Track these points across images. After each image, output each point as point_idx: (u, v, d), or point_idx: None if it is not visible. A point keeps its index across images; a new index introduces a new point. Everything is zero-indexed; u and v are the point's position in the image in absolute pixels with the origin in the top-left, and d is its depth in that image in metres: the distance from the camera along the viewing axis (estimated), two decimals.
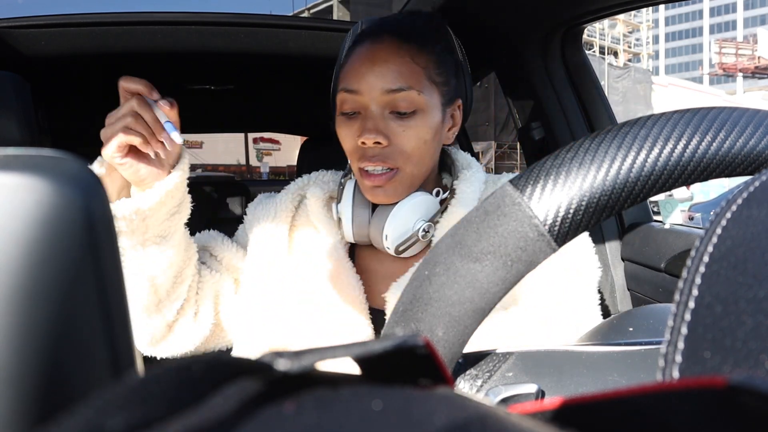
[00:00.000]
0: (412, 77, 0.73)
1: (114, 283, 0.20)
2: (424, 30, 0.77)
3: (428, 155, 0.76)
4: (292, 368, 0.14)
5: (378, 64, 0.73)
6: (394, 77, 0.72)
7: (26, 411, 0.17)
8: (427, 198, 0.78)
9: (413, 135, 0.73)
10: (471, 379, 0.32)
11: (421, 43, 0.75)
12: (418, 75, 0.73)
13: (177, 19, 1.25)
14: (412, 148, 0.74)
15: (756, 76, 56.70)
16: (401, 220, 0.76)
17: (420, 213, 0.78)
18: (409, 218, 0.77)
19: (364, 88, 0.73)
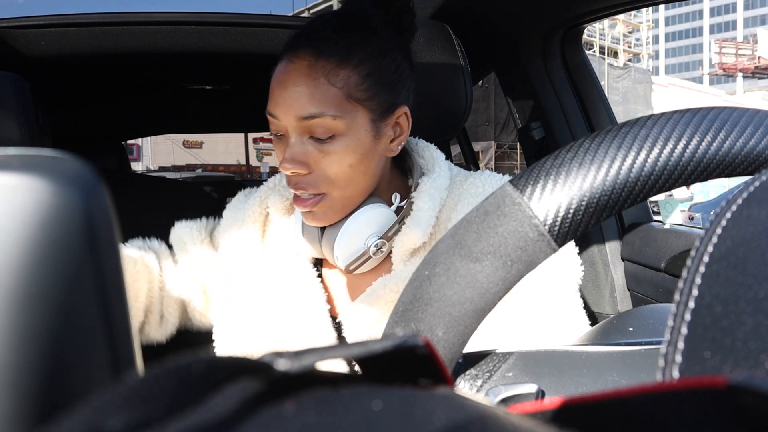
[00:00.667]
0: (326, 101, 0.66)
1: (114, 282, 0.20)
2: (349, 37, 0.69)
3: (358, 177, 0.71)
4: (292, 368, 0.14)
5: (289, 89, 0.67)
6: (305, 103, 0.66)
7: (26, 411, 0.17)
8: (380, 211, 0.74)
9: (334, 161, 0.69)
10: (471, 379, 0.32)
11: (341, 56, 0.67)
12: (333, 97, 0.67)
13: (177, 19, 1.25)
14: (335, 173, 0.69)
15: (756, 76, 56.70)
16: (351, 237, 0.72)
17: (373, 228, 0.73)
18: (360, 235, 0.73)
19: (280, 114, 0.69)
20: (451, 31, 1.06)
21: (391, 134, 0.73)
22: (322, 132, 0.67)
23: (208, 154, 19.24)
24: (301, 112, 0.67)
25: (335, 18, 0.71)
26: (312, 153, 0.69)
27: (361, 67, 0.68)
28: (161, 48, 1.26)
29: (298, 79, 0.67)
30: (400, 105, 0.73)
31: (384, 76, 0.70)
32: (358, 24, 0.70)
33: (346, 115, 0.67)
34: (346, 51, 0.68)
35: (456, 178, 0.79)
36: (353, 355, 0.15)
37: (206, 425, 0.12)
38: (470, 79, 1.04)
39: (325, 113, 0.66)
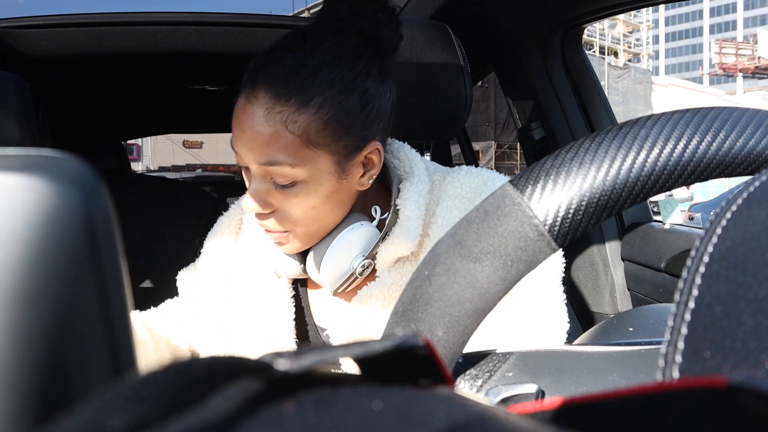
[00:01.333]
0: (283, 149, 0.62)
1: (114, 283, 0.20)
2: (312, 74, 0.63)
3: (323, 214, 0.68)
4: (292, 368, 0.14)
5: (246, 132, 0.63)
6: (261, 150, 0.63)
7: (26, 411, 0.17)
8: (363, 231, 0.71)
9: (297, 204, 0.66)
10: (471, 379, 0.32)
11: (301, 99, 0.62)
12: (291, 145, 0.62)
13: (177, 19, 1.25)
14: (297, 215, 0.67)
15: (756, 76, 56.70)
16: (336, 262, 0.70)
17: (357, 249, 0.71)
18: (346, 258, 0.71)
19: (241, 153, 0.66)
20: (451, 31, 1.06)
21: (360, 171, 0.69)
22: (282, 179, 0.64)
23: (208, 154, 19.24)
24: (258, 158, 0.64)
25: (300, 44, 0.64)
26: (274, 193, 0.66)
27: (322, 112, 0.63)
28: (161, 48, 1.26)
29: (255, 123, 0.62)
30: (370, 141, 0.67)
31: (350, 117, 0.64)
32: (325, 53, 0.64)
33: (306, 162, 0.63)
34: (306, 93, 0.62)
35: (434, 177, 0.76)
36: (353, 355, 0.15)
37: (206, 425, 0.12)
38: (470, 79, 1.04)
39: (283, 162, 0.63)
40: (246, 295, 0.78)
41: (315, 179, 0.65)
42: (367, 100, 0.66)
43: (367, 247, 0.72)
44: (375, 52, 0.68)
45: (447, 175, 0.76)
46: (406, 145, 0.79)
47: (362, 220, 0.72)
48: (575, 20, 1.29)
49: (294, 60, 0.63)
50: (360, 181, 0.70)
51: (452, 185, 0.74)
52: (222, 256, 0.82)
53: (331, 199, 0.68)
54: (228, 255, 0.81)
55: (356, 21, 0.67)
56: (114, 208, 0.20)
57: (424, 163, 0.77)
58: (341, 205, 0.70)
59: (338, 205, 0.69)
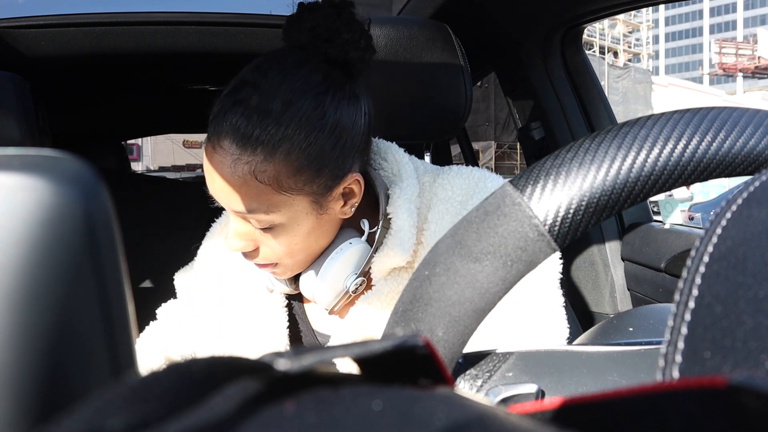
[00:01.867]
0: (256, 198, 0.60)
1: (114, 283, 0.20)
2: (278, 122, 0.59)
3: (309, 245, 0.67)
4: (292, 368, 0.14)
5: (216, 181, 0.61)
6: (233, 199, 0.61)
7: (26, 411, 0.17)
8: (354, 249, 0.69)
9: (278, 244, 0.65)
10: (471, 379, 0.32)
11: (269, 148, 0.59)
12: (263, 194, 0.60)
13: (177, 19, 1.25)
14: (283, 251, 0.66)
15: (756, 76, 56.70)
16: (329, 284, 0.69)
17: (350, 268, 0.70)
18: (339, 278, 0.70)
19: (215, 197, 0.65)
20: (451, 31, 1.06)
21: (340, 202, 0.67)
22: (259, 224, 0.63)
23: None
24: (233, 207, 0.62)
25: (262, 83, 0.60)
26: (255, 234, 0.66)
27: (291, 158, 0.59)
28: (161, 48, 1.26)
29: (223, 172, 0.60)
30: (346, 174, 0.65)
31: (321, 157, 0.61)
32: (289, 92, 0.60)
33: (280, 207, 0.61)
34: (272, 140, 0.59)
35: (424, 179, 0.73)
36: (353, 355, 0.15)
37: (206, 425, 0.12)
38: (470, 79, 1.04)
39: (257, 210, 0.61)
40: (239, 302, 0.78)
41: (293, 221, 0.63)
42: (338, 135, 0.62)
43: (358, 265, 0.70)
44: (345, 75, 0.65)
45: (437, 176, 0.74)
46: (393, 145, 0.77)
47: (351, 237, 0.71)
48: (575, 20, 1.29)
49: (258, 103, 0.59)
50: (342, 211, 0.68)
51: (443, 188, 0.72)
52: (216, 260, 0.82)
53: (314, 232, 0.66)
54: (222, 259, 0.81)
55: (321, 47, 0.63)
56: (114, 208, 0.20)
57: (413, 163, 0.75)
58: (326, 234, 0.69)
59: (323, 235, 0.68)
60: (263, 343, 0.74)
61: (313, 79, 0.61)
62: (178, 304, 0.86)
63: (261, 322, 0.75)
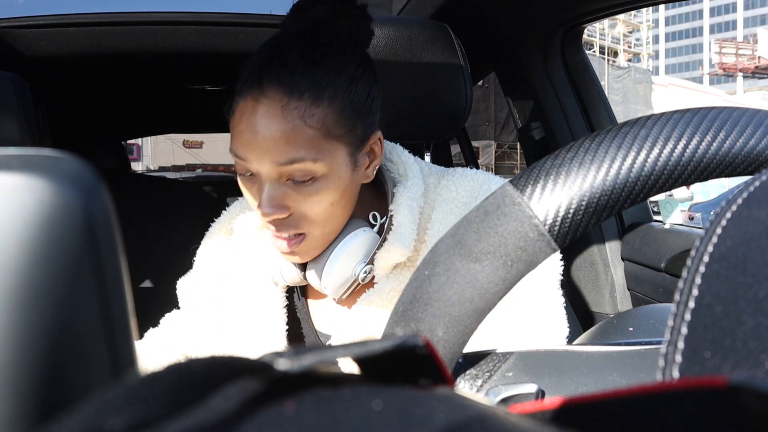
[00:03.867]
0: (304, 144, 0.61)
1: (114, 283, 0.20)
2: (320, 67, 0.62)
3: (339, 212, 0.67)
4: (292, 368, 0.14)
5: (261, 132, 0.60)
6: (281, 148, 0.60)
7: (26, 411, 0.17)
8: (364, 237, 0.70)
9: (316, 202, 0.64)
10: (471, 379, 0.32)
11: (316, 93, 0.61)
12: (312, 139, 0.61)
13: (177, 19, 1.25)
14: (316, 213, 0.65)
15: (756, 76, 56.69)
16: (339, 269, 0.69)
17: (359, 255, 0.70)
18: (348, 265, 0.70)
19: (253, 159, 0.62)
20: (451, 31, 1.06)
21: (366, 161, 0.69)
22: (302, 175, 0.62)
23: (208, 154, 19.23)
24: (278, 158, 0.61)
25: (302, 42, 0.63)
26: (291, 195, 0.64)
27: (336, 102, 0.62)
28: (161, 48, 1.26)
29: (271, 122, 0.60)
30: (374, 131, 0.69)
31: (358, 106, 0.65)
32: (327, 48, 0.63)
33: (326, 155, 0.62)
34: (318, 87, 0.61)
35: (429, 179, 0.75)
36: (353, 355, 0.15)
37: (206, 425, 0.12)
38: (470, 79, 1.04)
39: (305, 157, 0.61)
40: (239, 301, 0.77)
41: (335, 172, 0.64)
42: (369, 88, 0.67)
43: (368, 253, 0.71)
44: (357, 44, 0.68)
45: (442, 177, 0.75)
46: (398, 146, 0.78)
47: (363, 226, 0.72)
48: (575, 20, 1.29)
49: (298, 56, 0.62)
50: (366, 173, 0.70)
51: (447, 188, 0.73)
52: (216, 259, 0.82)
53: (346, 194, 0.67)
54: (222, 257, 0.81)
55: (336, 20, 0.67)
56: (114, 208, 0.20)
57: (418, 164, 0.76)
58: (351, 201, 0.69)
59: (350, 202, 0.69)
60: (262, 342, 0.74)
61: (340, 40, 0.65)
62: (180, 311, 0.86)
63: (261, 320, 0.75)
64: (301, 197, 0.64)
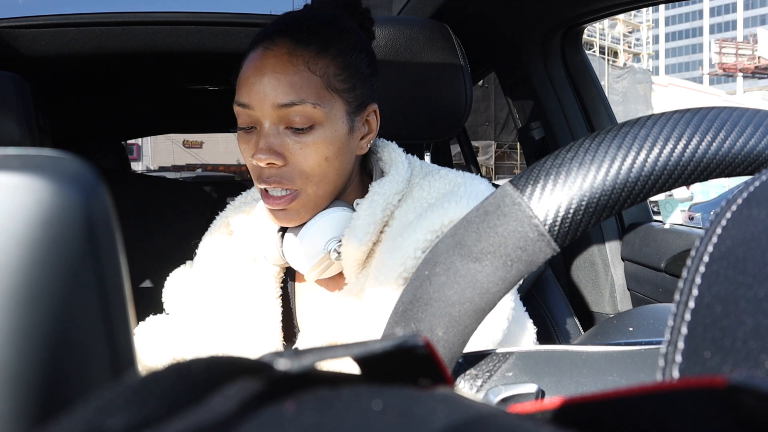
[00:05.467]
0: (306, 88, 0.65)
1: (114, 283, 0.20)
2: (326, 29, 0.68)
3: (332, 172, 0.69)
4: (292, 368, 0.14)
5: (267, 75, 0.65)
6: (285, 90, 0.65)
7: (26, 411, 0.17)
8: (340, 215, 0.71)
9: (312, 152, 0.67)
10: (471, 379, 0.32)
11: (320, 45, 0.67)
12: (314, 85, 0.66)
13: (177, 19, 1.25)
14: (311, 167, 0.67)
15: (756, 76, 56.69)
16: (311, 241, 0.70)
17: (332, 232, 0.71)
18: (320, 239, 0.71)
19: (255, 102, 0.66)
20: (451, 31, 1.06)
21: (362, 131, 0.72)
22: (301, 121, 0.65)
23: (208, 154, 19.24)
24: (280, 100, 0.65)
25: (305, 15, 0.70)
26: (288, 144, 0.66)
27: (339, 59, 0.68)
28: (161, 48, 1.26)
29: (277, 65, 0.65)
30: (371, 102, 0.73)
31: (360, 69, 0.70)
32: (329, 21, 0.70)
33: (325, 104, 0.66)
34: (323, 42, 0.67)
35: (414, 180, 0.75)
36: (353, 355, 0.15)
37: (206, 425, 0.12)
38: (470, 79, 1.04)
39: (306, 100, 0.65)
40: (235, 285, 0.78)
41: (331, 124, 0.67)
42: (370, 58, 0.72)
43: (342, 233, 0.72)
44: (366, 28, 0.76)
45: (425, 177, 0.75)
46: (391, 144, 0.79)
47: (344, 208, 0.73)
48: (575, 20, 1.29)
49: (305, 17, 0.69)
50: (360, 144, 0.73)
51: (420, 188, 0.73)
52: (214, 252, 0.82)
53: (340, 154, 0.69)
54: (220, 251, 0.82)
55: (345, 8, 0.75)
56: (114, 208, 0.20)
57: (412, 164, 0.77)
58: (344, 167, 0.71)
59: (342, 168, 0.71)
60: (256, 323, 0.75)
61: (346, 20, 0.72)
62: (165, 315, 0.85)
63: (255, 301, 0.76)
64: (298, 146, 0.66)
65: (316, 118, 0.66)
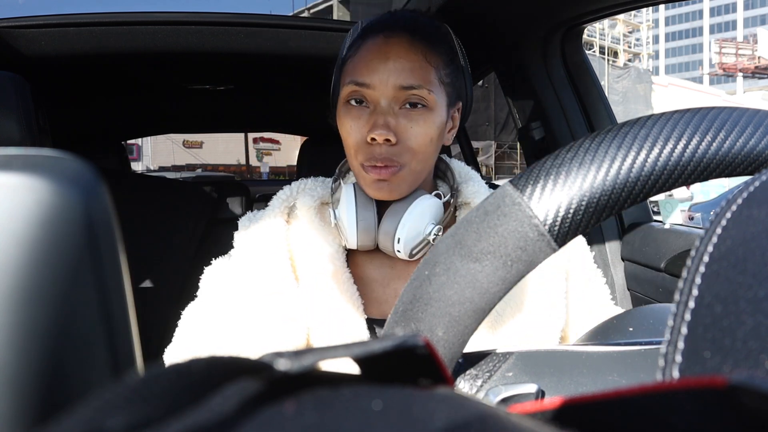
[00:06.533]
0: (424, 75, 0.73)
1: (114, 282, 0.20)
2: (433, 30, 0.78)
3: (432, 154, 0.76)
4: (292, 368, 0.14)
5: (392, 59, 0.72)
6: (407, 74, 0.72)
7: (26, 411, 0.17)
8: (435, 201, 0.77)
9: (421, 132, 0.73)
10: (471, 379, 0.32)
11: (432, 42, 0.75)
12: (429, 74, 0.73)
13: (177, 19, 1.25)
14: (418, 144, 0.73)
15: (756, 76, 56.67)
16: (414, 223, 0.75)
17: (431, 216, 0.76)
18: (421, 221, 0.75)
19: (377, 83, 0.72)
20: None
21: (450, 124, 0.80)
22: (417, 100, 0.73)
23: (208, 154, 19.23)
24: (402, 82, 0.72)
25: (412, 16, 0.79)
26: (401, 123, 0.73)
27: (446, 55, 0.76)
28: (161, 48, 1.26)
29: (400, 51, 0.72)
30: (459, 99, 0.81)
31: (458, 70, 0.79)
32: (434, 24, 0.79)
33: (436, 91, 0.74)
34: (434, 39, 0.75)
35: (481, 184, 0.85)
36: (353, 355, 0.15)
37: (206, 425, 0.12)
38: (470, 79, 1.04)
39: (423, 86, 0.72)
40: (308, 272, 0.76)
41: (438, 109, 0.74)
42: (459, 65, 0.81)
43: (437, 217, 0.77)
44: None
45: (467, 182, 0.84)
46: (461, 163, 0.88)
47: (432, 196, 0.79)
48: (575, 20, 1.29)
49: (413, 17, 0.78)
50: (447, 136, 0.80)
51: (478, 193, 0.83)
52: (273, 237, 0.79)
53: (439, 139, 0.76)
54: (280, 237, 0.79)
55: None
56: (114, 208, 0.20)
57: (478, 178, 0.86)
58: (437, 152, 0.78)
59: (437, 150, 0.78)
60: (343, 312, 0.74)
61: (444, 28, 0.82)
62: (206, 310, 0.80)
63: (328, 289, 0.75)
64: (410, 125, 0.73)
65: (430, 102, 0.73)
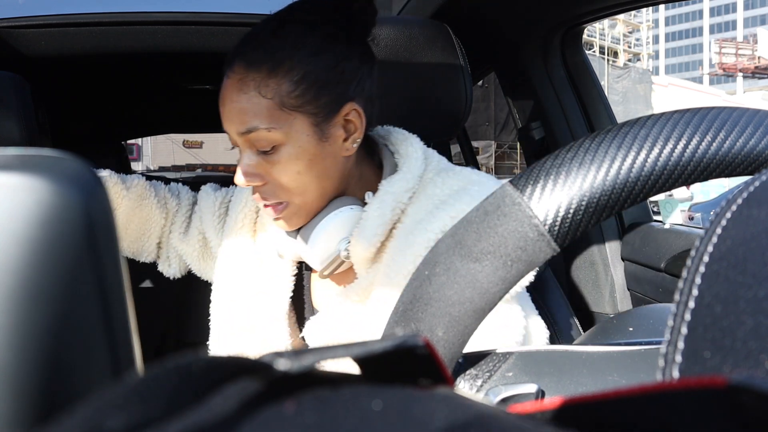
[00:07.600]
0: (258, 114, 0.66)
1: (114, 282, 0.20)
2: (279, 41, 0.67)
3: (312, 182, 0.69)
4: (292, 368, 0.14)
5: (226, 105, 0.68)
6: (240, 119, 0.66)
7: (26, 411, 0.17)
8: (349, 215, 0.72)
9: (282, 170, 0.68)
10: (471, 379, 0.32)
11: (271, 65, 0.66)
12: (265, 110, 0.65)
13: (177, 19, 1.25)
14: (287, 182, 0.69)
15: (756, 76, 56.66)
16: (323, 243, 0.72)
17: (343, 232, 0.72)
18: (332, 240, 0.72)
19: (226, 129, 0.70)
20: (451, 31, 1.06)
21: (342, 134, 0.70)
22: (264, 144, 0.67)
23: (208, 154, 19.23)
24: (238, 128, 0.67)
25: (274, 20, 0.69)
26: (261, 164, 0.69)
27: (291, 74, 0.66)
28: (161, 48, 1.26)
29: (231, 94, 0.67)
30: (346, 102, 0.69)
31: (320, 78, 0.67)
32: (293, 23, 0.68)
33: (281, 125, 0.66)
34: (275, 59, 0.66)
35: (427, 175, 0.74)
36: (353, 355, 0.15)
37: (206, 425, 0.12)
38: (470, 79, 1.04)
39: (259, 126, 0.66)
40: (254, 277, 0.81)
41: (294, 141, 0.67)
42: (336, 61, 0.68)
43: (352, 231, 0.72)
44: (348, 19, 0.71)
45: (438, 173, 0.75)
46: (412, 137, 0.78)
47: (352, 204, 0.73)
48: (575, 20, 1.29)
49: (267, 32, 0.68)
50: (344, 146, 0.71)
51: (434, 183, 0.73)
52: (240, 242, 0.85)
53: (316, 164, 0.69)
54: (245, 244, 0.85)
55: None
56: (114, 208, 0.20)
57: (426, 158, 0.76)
58: (327, 172, 0.70)
59: (325, 173, 0.70)
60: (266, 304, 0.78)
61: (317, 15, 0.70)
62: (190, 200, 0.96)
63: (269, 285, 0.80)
64: (269, 165, 0.68)
65: (275, 140, 0.66)
